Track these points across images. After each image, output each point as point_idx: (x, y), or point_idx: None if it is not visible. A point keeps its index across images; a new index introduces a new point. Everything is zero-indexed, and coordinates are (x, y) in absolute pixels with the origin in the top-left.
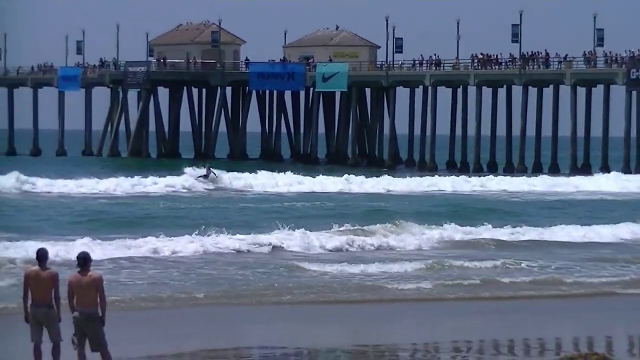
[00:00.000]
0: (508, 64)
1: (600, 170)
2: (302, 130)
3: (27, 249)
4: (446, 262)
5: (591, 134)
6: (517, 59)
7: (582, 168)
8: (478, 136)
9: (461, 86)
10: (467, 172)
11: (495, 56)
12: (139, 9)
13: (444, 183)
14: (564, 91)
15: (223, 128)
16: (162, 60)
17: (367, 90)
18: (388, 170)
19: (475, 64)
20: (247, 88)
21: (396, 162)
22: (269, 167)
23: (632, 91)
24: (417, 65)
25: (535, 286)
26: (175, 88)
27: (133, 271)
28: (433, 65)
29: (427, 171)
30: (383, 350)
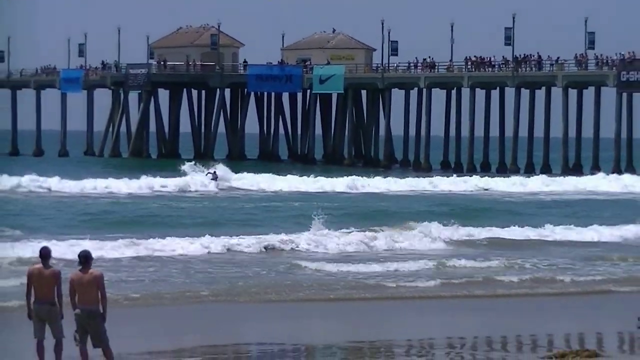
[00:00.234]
0: (501, 67)
1: (591, 170)
2: (300, 131)
3: (33, 248)
4: (444, 261)
5: (582, 135)
6: (510, 62)
7: (574, 168)
8: (472, 137)
9: (455, 88)
10: (461, 172)
11: (488, 59)
12: (140, 13)
13: (443, 183)
14: (556, 93)
15: (222, 129)
16: (163, 62)
17: (363, 92)
18: (384, 170)
19: (469, 67)
20: (246, 90)
21: (392, 163)
22: (267, 168)
23: (623, 93)
24: (412, 67)
25: (530, 284)
26: (175, 90)
27: (134, 270)
28: (428, 67)
29: (422, 171)
30: (378, 346)
